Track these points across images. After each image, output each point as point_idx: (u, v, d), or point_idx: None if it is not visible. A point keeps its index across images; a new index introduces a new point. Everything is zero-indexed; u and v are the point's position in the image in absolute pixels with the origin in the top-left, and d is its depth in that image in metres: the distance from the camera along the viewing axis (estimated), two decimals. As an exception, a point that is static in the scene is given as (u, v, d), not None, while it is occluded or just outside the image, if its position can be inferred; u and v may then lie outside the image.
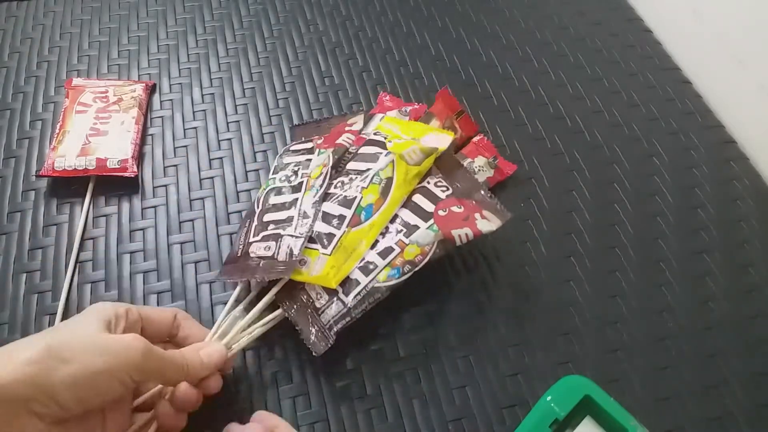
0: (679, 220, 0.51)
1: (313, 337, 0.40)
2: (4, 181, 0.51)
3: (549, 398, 0.37)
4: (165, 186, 0.51)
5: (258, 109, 0.57)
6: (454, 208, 0.43)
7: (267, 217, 0.44)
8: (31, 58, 0.59)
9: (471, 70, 0.60)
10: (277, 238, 0.42)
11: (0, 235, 0.48)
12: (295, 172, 0.47)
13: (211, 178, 0.52)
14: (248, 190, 0.51)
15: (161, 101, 0.57)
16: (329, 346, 0.40)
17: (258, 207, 0.45)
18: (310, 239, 0.42)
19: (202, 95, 0.57)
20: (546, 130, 0.56)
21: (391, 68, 0.60)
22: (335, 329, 0.40)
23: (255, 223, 0.44)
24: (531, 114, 0.57)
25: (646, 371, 0.43)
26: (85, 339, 0.31)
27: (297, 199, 0.44)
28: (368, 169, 0.44)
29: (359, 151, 0.47)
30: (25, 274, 0.46)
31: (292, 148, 0.50)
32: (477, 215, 0.43)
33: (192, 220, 0.49)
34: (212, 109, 0.56)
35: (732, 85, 0.58)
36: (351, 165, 0.46)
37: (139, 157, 0.52)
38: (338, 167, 0.46)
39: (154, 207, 0.50)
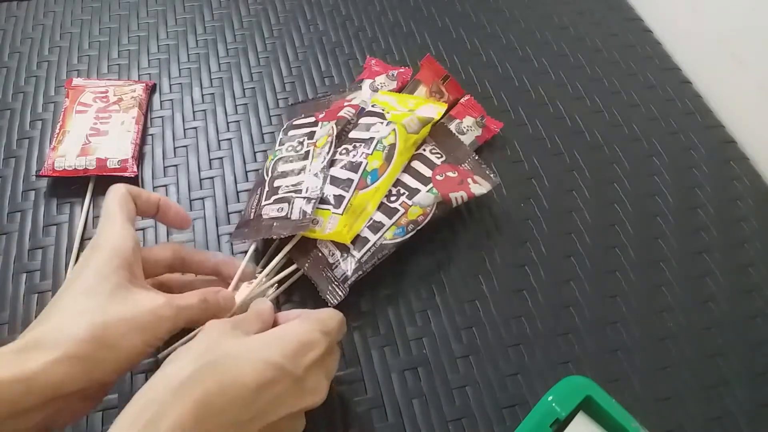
0: (679, 220, 0.51)
1: (328, 290, 0.43)
2: (4, 181, 0.51)
3: (550, 398, 0.37)
4: (165, 186, 0.51)
5: (258, 108, 0.57)
6: (450, 173, 0.47)
7: (277, 183, 0.46)
8: (31, 58, 0.59)
9: (471, 69, 0.60)
10: (289, 200, 0.44)
11: (0, 235, 0.48)
12: (301, 143, 0.49)
13: (211, 178, 0.52)
14: (248, 190, 0.51)
15: (161, 101, 0.57)
16: (343, 297, 0.42)
17: (267, 176, 0.47)
18: (321, 200, 0.44)
19: (202, 95, 0.57)
20: (546, 130, 0.56)
21: (391, 68, 0.60)
22: (349, 282, 0.43)
23: (266, 189, 0.46)
24: (531, 114, 0.57)
25: (646, 371, 0.43)
26: (127, 317, 0.31)
27: (305, 166, 0.47)
28: (371, 138, 0.47)
29: (359, 121, 0.49)
30: (25, 274, 0.46)
31: (295, 123, 0.52)
32: (470, 180, 0.47)
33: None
34: (212, 108, 0.56)
35: (732, 85, 0.58)
36: (353, 134, 0.48)
37: (139, 157, 0.52)
38: (341, 137, 0.48)
39: (154, 207, 0.50)
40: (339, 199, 0.44)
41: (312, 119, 0.51)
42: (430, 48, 0.62)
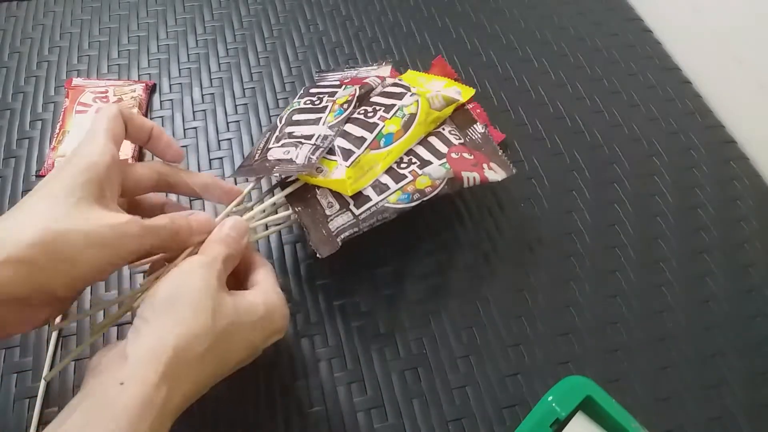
0: (679, 220, 0.51)
1: (319, 240, 0.41)
2: (4, 181, 0.51)
3: (550, 398, 0.37)
4: (165, 186, 0.51)
5: (258, 109, 0.57)
6: (466, 155, 0.46)
7: (288, 129, 0.45)
8: (31, 58, 0.59)
9: (471, 70, 0.60)
10: (296, 144, 0.43)
11: (0, 235, 0.48)
12: (320, 99, 0.48)
13: (211, 178, 0.52)
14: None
15: (161, 101, 0.57)
16: (334, 251, 0.41)
17: (280, 123, 0.46)
18: (330, 151, 0.43)
19: (202, 95, 0.57)
20: (546, 130, 0.56)
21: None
22: (342, 236, 0.41)
23: (276, 134, 0.45)
24: (531, 114, 0.57)
25: (646, 371, 0.43)
26: (84, 230, 0.29)
27: (320, 117, 0.45)
28: (392, 104, 0.46)
29: (384, 90, 0.48)
30: (25, 274, 0.46)
31: (318, 84, 0.51)
32: (485, 165, 0.46)
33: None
34: (212, 109, 0.56)
35: (732, 85, 0.58)
36: (375, 99, 0.47)
37: (139, 157, 0.52)
38: (363, 100, 0.47)
39: (154, 207, 0.50)
40: (348, 152, 0.43)
41: (337, 82, 0.50)
42: (430, 48, 0.62)
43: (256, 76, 0.59)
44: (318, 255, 0.41)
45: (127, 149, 0.51)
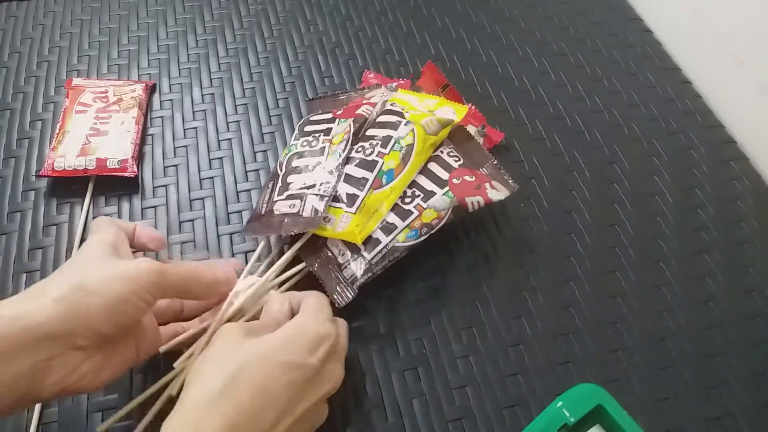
0: (679, 220, 0.51)
1: (336, 290, 0.42)
2: (4, 181, 0.51)
3: (560, 404, 0.36)
4: (165, 186, 0.51)
5: (258, 109, 0.57)
6: (467, 177, 0.46)
7: (290, 179, 0.46)
8: (31, 58, 0.59)
9: (471, 70, 0.60)
10: (301, 196, 0.44)
11: (0, 235, 0.48)
12: (317, 138, 0.48)
13: (211, 178, 0.52)
14: (248, 190, 0.51)
15: (161, 101, 0.57)
16: (351, 298, 0.42)
17: (281, 170, 0.47)
18: (334, 198, 0.44)
19: (202, 95, 0.57)
20: (546, 130, 0.56)
21: (391, 68, 0.60)
22: (357, 283, 0.42)
23: (279, 184, 0.46)
24: (531, 114, 0.57)
25: (646, 371, 0.43)
26: (103, 270, 0.33)
27: (320, 162, 0.46)
28: (388, 136, 0.46)
29: (378, 119, 0.48)
30: (25, 274, 0.46)
31: (312, 119, 0.51)
32: (487, 185, 0.45)
33: (192, 220, 0.49)
34: (212, 109, 0.56)
35: (732, 85, 0.58)
36: (370, 131, 0.47)
37: (139, 157, 0.52)
38: (358, 134, 0.47)
39: (154, 207, 0.50)
40: (352, 197, 0.44)
41: (329, 115, 0.50)
42: (430, 48, 0.62)
43: (256, 76, 0.59)
44: (336, 305, 0.42)
45: (127, 149, 0.51)
